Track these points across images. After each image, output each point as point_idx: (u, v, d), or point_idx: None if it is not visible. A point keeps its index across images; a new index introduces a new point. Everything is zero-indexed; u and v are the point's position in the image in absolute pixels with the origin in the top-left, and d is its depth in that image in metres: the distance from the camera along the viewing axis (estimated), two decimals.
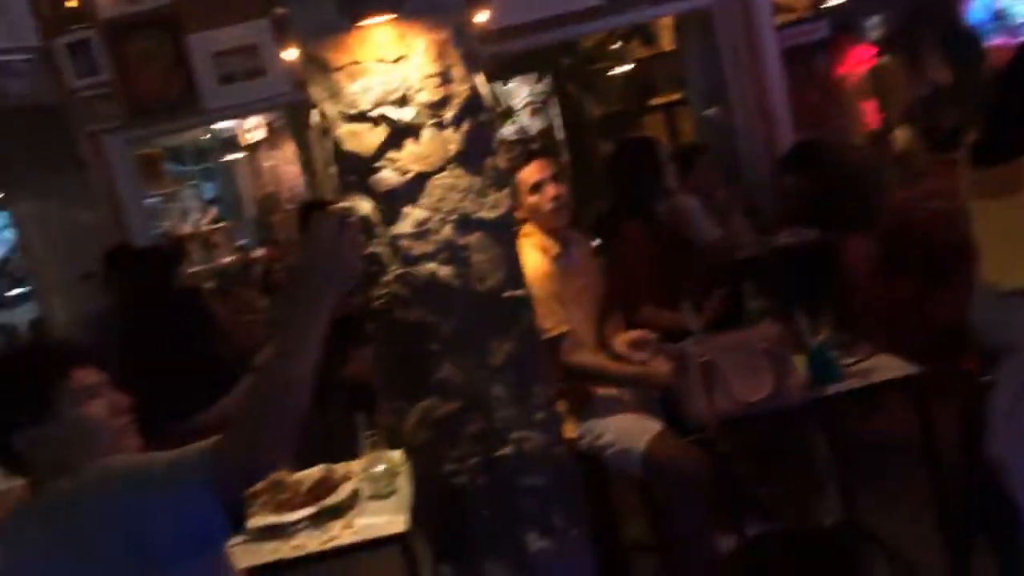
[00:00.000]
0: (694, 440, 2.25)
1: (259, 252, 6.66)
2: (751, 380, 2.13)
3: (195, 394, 3.20)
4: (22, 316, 6.50)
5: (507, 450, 1.90)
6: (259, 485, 2.00)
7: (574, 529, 1.95)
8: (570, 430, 2.39)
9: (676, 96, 6.29)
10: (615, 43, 6.54)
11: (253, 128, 7.45)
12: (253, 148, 7.60)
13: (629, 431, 2.33)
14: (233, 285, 4.96)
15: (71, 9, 3.88)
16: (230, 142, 7.53)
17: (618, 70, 6.84)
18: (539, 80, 6.64)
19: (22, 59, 3.86)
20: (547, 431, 1.96)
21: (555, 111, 6.88)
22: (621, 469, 2.39)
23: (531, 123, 6.88)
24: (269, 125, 7.42)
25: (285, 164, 7.73)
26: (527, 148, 3.52)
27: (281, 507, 2.06)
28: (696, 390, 2.15)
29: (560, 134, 6.96)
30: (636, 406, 2.43)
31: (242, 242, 6.88)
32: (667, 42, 6.08)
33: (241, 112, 4.92)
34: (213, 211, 7.26)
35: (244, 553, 1.87)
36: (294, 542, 1.96)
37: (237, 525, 1.25)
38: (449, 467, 1.89)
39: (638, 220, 2.99)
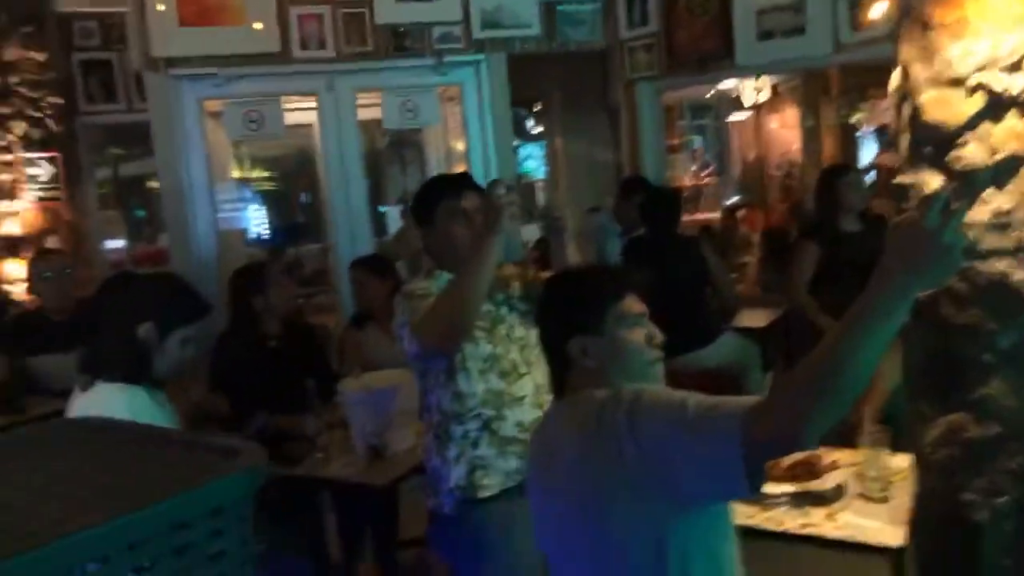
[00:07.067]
0: None
1: (742, 213, 6.66)
2: None
3: (675, 338, 3.33)
4: (530, 235, 7.53)
5: None
6: None
7: None
8: None
9: None
10: None
11: (756, 90, 7.35)
12: (754, 109, 7.52)
13: None
14: (718, 242, 5.03)
15: None
16: (733, 101, 7.55)
17: None
18: None
19: (588, 9, 4.29)
20: None
21: None
22: None
23: None
24: (775, 87, 7.26)
25: (784, 128, 7.53)
26: None
27: None
28: None
29: None
30: None
31: (728, 201, 6.93)
32: None
33: (772, 69, 4.85)
34: (711, 166, 7.42)
35: None
36: (768, 513, 1.91)
37: (754, 488, 1.23)
38: (969, 496, 1.64)
39: None
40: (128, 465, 0.73)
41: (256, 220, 7.11)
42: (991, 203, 1.60)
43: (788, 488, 1.92)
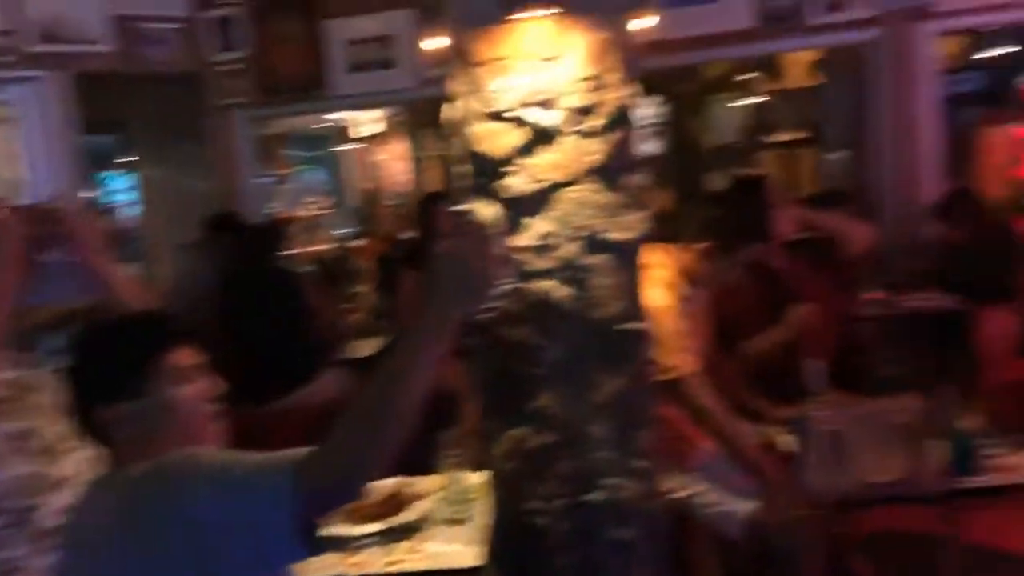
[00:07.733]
0: (807, 515, 2.02)
1: (356, 243, 6.70)
2: (881, 458, 1.89)
3: (276, 378, 3.15)
4: (126, 272, 6.74)
5: (597, 496, 1.75)
6: None
7: None
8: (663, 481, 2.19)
9: (797, 135, 6.06)
10: (742, 74, 6.33)
11: (368, 122, 7.51)
12: (366, 141, 7.67)
13: (733, 494, 2.13)
14: (331, 273, 4.96)
15: None
16: (344, 132, 7.62)
17: (741, 102, 6.62)
18: (664, 103, 6.46)
19: (169, 28, 3.94)
20: (644, 481, 1.79)
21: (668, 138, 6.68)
22: (717, 529, 2.19)
23: (647, 147, 6.67)
24: (387, 120, 7.48)
25: (394, 160, 7.79)
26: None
27: (347, 517, 1.94)
28: (816, 461, 1.93)
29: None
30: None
31: (342, 231, 6.95)
32: (793, 78, 5.90)
33: (365, 102, 4.91)
34: (327, 199, 7.36)
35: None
36: (355, 559, 1.82)
37: (310, 548, 1.12)
38: (533, 504, 1.75)
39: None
40: None
41: None
42: (534, 228, 1.73)
43: (373, 527, 1.86)
